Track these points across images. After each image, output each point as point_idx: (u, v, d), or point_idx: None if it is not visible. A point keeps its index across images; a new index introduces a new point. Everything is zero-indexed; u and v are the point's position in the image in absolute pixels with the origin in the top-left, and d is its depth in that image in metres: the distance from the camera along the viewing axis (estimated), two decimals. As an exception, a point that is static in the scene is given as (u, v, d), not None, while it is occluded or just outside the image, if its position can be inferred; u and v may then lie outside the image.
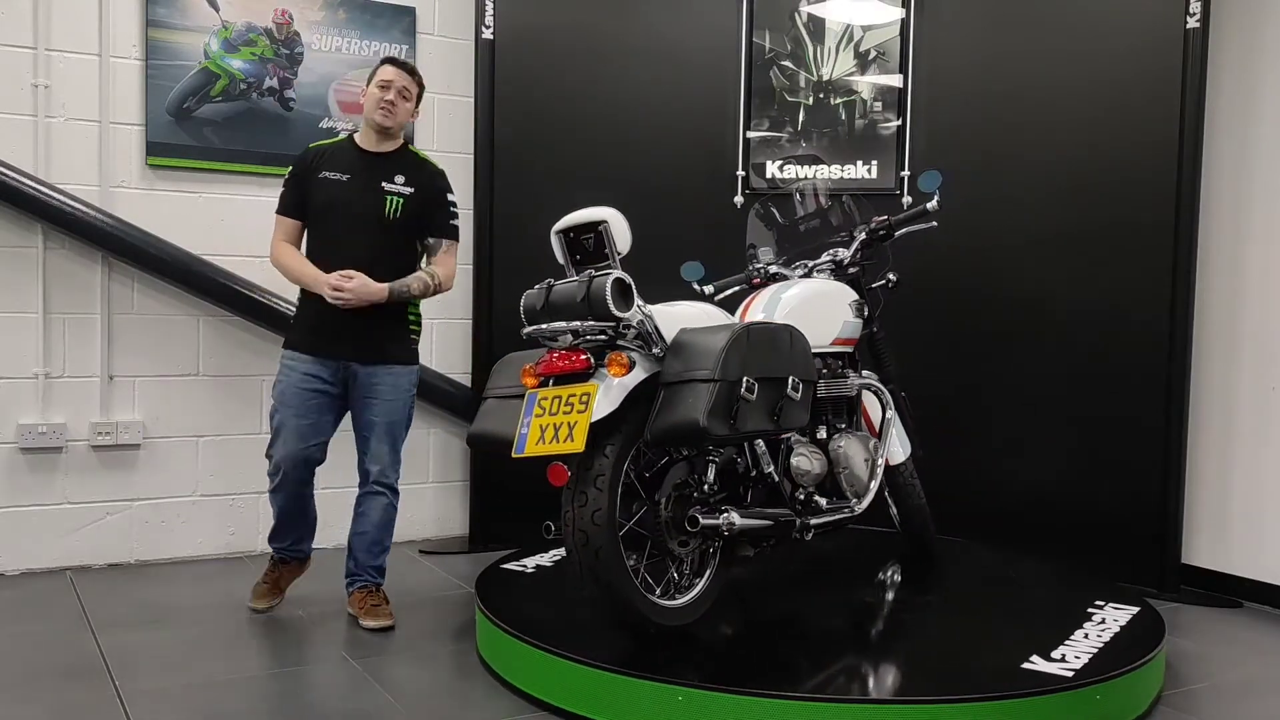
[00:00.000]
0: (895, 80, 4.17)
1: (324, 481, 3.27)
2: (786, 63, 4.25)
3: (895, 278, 3.39)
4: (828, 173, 4.21)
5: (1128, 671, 2.55)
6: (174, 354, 3.99)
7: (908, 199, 4.13)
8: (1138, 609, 3.05)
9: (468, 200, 4.17)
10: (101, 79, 3.84)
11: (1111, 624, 2.90)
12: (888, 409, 3.29)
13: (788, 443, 2.94)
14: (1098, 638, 2.77)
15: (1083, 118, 3.90)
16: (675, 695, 2.38)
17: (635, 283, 2.51)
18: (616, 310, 2.46)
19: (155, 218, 3.89)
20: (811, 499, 2.94)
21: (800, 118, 4.26)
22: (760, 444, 2.85)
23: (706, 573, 2.78)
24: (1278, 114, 3.72)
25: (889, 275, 3.39)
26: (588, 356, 2.51)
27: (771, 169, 4.26)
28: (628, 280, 2.50)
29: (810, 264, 3.42)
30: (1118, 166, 3.84)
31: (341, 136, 3.39)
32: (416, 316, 3.34)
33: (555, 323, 2.54)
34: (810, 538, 2.90)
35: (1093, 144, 3.89)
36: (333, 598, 3.42)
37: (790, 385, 2.67)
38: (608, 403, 2.46)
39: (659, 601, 2.63)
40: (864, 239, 3.40)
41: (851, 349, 3.31)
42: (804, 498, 2.92)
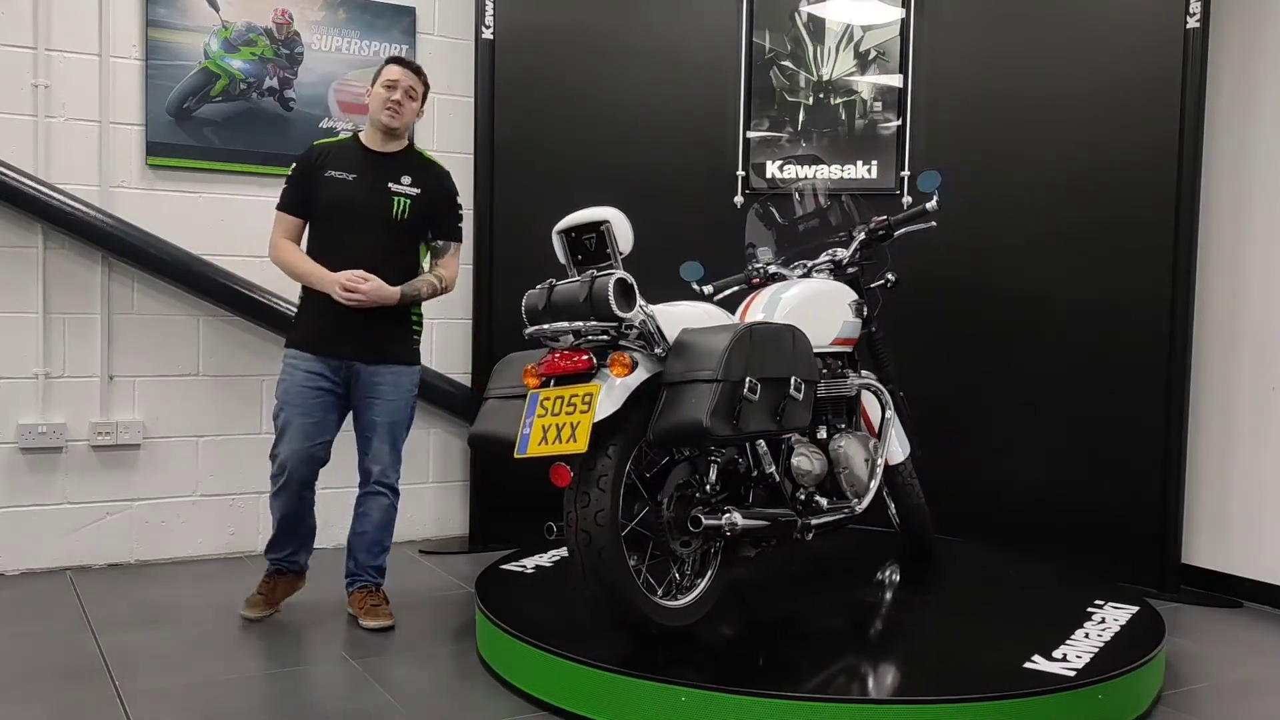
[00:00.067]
0: (895, 80, 4.17)
1: (324, 481, 3.26)
2: (786, 63, 4.25)
3: (894, 278, 3.39)
4: (828, 173, 4.21)
5: (1130, 671, 2.55)
6: (174, 354, 3.99)
7: (908, 199, 4.13)
8: (1137, 608, 3.06)
9: (468, 200, 4.16)
10: (101, 79, 3.83)
11: (1112, 623, 2.90)
12: (887, 409, 3.29)
13: (788, 443, 2.94)
14: (1098, 637, 2.77)
15: (1083, 118, 3.90)
16: (678, 696, 2.38)
17: (636, 283, 2.51)
18: (619, 310, 2.45)
19: (155, 218, 3.89)
20: (812, 499, 2.94)
21: (800, 118, 4.26)
22: (762, 444, 2.85)
23: (708, 573, 2.78)
24: (1278, 114, 3.73)
25: (888, 275, 3.40)
26: (590, 357, 2.51)
27: (771, 169, 4.26)
28: (630, 280, 2.50)
29: (809, 264, 3.42)
30: (1118, 166, 3.84)
31: (346, 135, 3.38)
32: (418, 316, 3.34)
33: (557, 323, 2.53)
34: (810, 537, 2.90)
35: (1093, 144, 3.89)
36: (333, 598, 3.42)
37: (793, 385, 2.67)
38: (610, 403, 2.46)
39: (661, 602, 2.63)
40: (863, 239, 3.40)
41: (851, 349, 3.31)
42: (804, 498, 2.93)
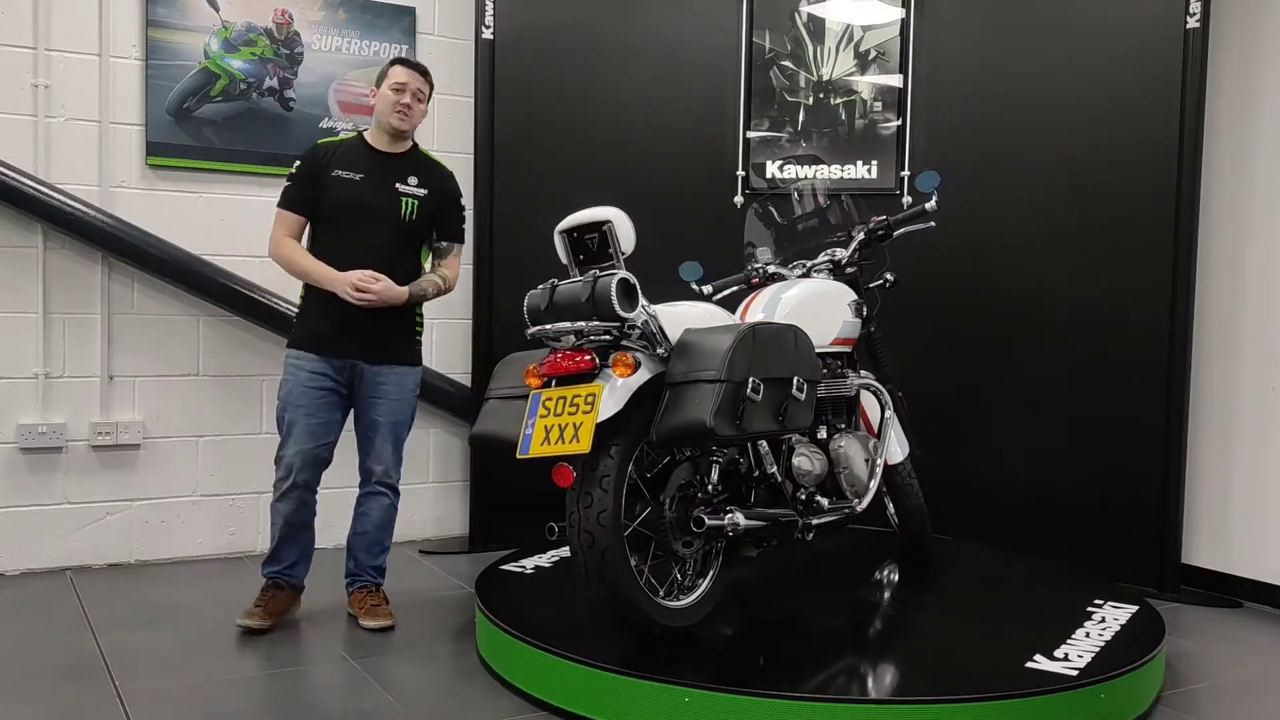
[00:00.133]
0: (895, 80, 4.17)
1: (324, 482, 3.25)
2: (786, 63, 4.25)
3: (893, 278, 3.40)
4: (828, 173, 4.21)
5: (1132, 670, 2.56)
6: (174, 354, 3.99)
7: (907, 199, 4.13)
8: (1137, 607, 3.06)
9: (468, 200, 4.14)
10: (101, 79, 3.83)
11: (1112, 623, 2.90)
12: (886, 409, 3.29)
13: (789, 443, 2.94)
14: (1099, 636, 2.77)
15: (1083, 118, 3.90)
16: (681, 696, 2.38)
17: (638, 283, 2.51)
18: (621, 310, 2.45)
19: (155, 218, 3.89)
20: (813, 499, 2.94)
21: (800, 118, 4.26)
22: (763, 444, 2.85)
23: (709, 573, 2.78)
24: (1278, 114, 3.73)
25: (886, 275, 3.40)
26: (592, 357, 2.51)
27: (771, 169, 4.26)
28: (632, 280, 2.49)
29: (808, 264, 3.42)
30: (1118, 166, 3.84)
31: (351, 134, 3.36)
32: (420, 316, 3.34)
33: (560, 323, 2.53)
34: (811, 537, 2.91)
35: (1093, 144, 3.89)
36: (333, 598, 3.42)
37: (795, 385, 2.67)
38: (613, 403, 2.46)
39: (663, 602, 2.63)
40: (862, 239, 3.40)
41: (850, 349, 3.31)
42: (805, 498, 2.93)
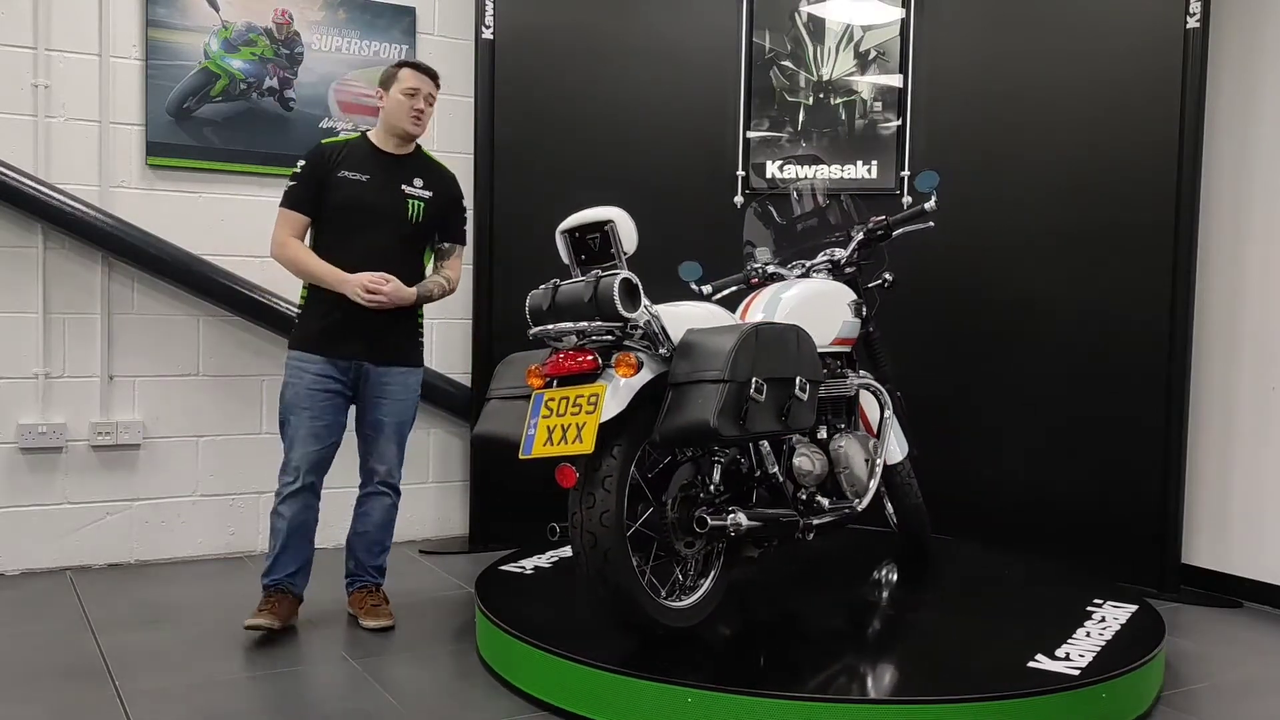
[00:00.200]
0: (895, 80, 4.17)
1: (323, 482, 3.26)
2: (786, 63, 4.25)
3: (891, 277, 3.40)
4: (828, 173, 4.21)
5: (1133, 669, 2.56)
6: (174, 354, 3.99)
7: (907, 199, 4.13)
8: (1136, 606, 3.06)
9: (468, 200, 4.15)
10: (101, 79, 3.83)
11: (1112, 622, 2.91)
12: (885, 409, 3.29)
13: (789, 443, 2.94)
14: (1099, 636, 2.78)
15: (1083, 118, 3.90)
16: (684, 696, 2.38)
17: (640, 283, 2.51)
18: (624, 311, 2.45)
19: (155, 218, 3.89)
20: (814, 499, 2.94)
21: (800, 118, 4.26)
22: (765, 444, 2.85)
23: (711, 574, 2.78)
24: (1278, 114, 3.73)
25: (885, 275, 3.40)
26: (595, 357, 2.50)
27: (771, 169, 4.26)
28: (635, 280, 2.49)
29: (807, 264, 3.42)
30: (1118, 166, 3.84)
31: (354, 135, 3.33)
32: (420, 317, 3.34)
33: (562, 323, 2.52)
34: (811, 537, 2.91)
35: (1093, 144, 3.89)
36: (333, 598, 3.42)
37: (798, 386, 2.67)
38: (616, 403, 2.45)
39: (665, 603, 2.63)
40: (861, 239, 3.40)
41: (850, 349, 3.31)
42: (806, 498, 2.93)
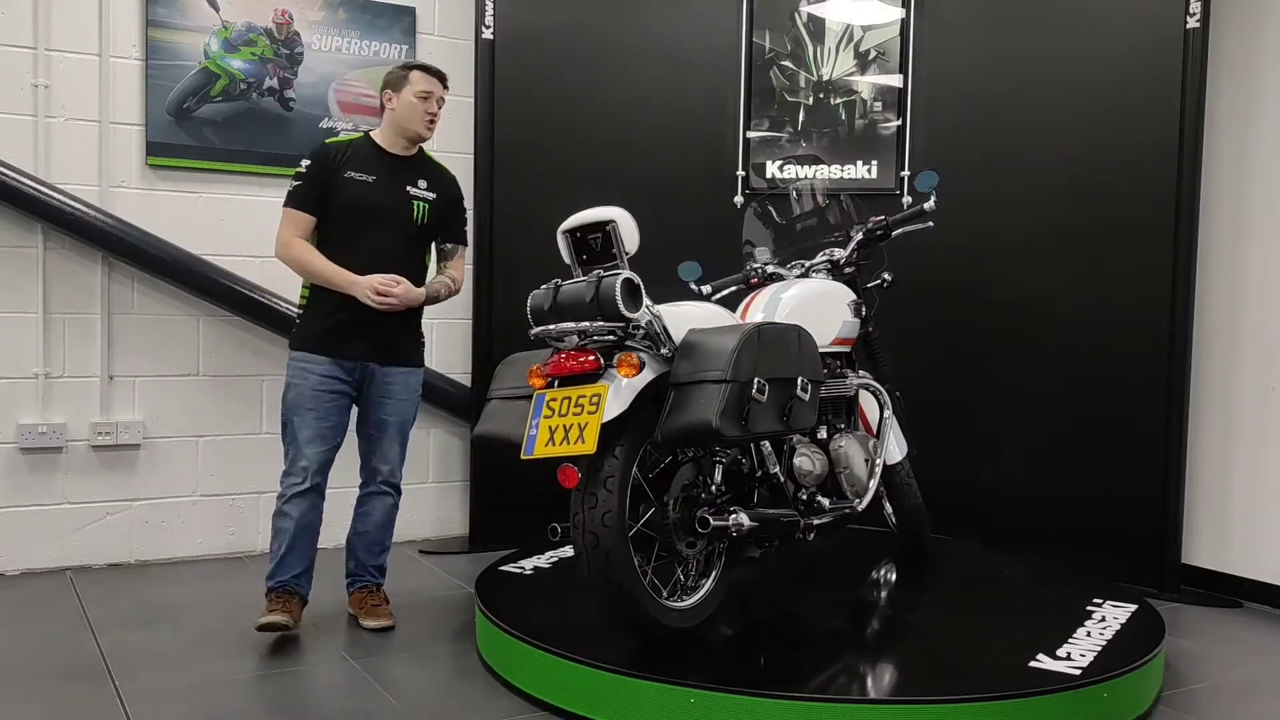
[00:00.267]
0: (895, 80, 4.17)
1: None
2: (786, 63, 4.25)
3: (890, 277, 3.40)
4: (828, 173, 4.21)
5: (1133, 669, 2.56)
6: (174, 354, 3.99)
7: (908, 199, 4.13)
8: (1136, 606, 3.06)
9: (468, 200, 4.16)
10: (101, 79, 3.83)
11: (1112, 621, 2.91)
12: (885, 409, 3.29)
13: (790, 443, 2.94)
14: (1100, 635, 2.78)
15: (1083, 118, 3.90)
16: (686, 697, 2.37)
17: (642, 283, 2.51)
18: (626, 311, 2.44)
19: (155, 218, 3.89)
20: (814, 499, 2.94)
21: (800, 118, 4.26)
22: (766, 444, 2.85)
23: (712, 574, 2.78)
24: (1278, 114, 3.73)
25: (884, 275, 3.40)
26: (596, 357, 2.50)
27: (771, 169, 4.26)
28: (637, 280, 2.49)
29: (807, 264, 3.42)
30: (1118, 166, 3.84)
31: (357, 135, 3.30)
32: (421, 317, 3.34)
33: (563, 323, 2.52)
34: (812, 537, 2.91)
35: (1093, 144, 3.89)
36: (333, 598, 3.42)
37: (799, 386, 2.67)
38: (618, 404, 2.45)
39: (667, 603, 2.63)
40: (861, 239, 3.40)
41: (849, 349, 3.31)
42: (807, 498, 2.93)
